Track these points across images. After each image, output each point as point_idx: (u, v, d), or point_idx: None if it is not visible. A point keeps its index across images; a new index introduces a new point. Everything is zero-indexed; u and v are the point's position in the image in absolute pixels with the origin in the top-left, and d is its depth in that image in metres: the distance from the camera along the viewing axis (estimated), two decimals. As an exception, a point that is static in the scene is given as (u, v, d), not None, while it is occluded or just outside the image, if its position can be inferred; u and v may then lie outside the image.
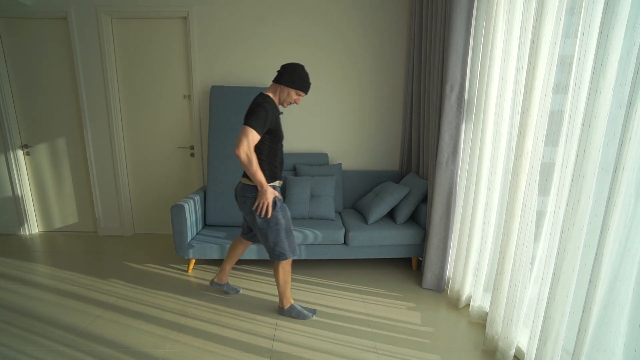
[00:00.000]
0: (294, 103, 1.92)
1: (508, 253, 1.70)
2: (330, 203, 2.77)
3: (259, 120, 1.74)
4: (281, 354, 1.77)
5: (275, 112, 1.84)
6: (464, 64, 2.13)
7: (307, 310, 2.10)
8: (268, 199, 1.82)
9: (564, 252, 1.31)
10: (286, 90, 1.87)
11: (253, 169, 1.75)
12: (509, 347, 1.68)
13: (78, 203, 3.44)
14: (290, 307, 2.09)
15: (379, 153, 3.30)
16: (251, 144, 1.73)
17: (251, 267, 2.76)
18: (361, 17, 3.02)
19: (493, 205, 1.91)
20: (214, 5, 2.99)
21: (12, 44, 3.10)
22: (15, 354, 1.73)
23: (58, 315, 2.07)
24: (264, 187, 1.80)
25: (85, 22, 3.01)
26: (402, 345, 1.85)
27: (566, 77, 1.44)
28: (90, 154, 3.24)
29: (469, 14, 2.07)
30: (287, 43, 3.05)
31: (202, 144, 3.23)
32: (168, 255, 2.97)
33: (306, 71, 1.89)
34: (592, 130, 1.20)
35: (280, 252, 1.93)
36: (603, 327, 1.20)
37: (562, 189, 1.39)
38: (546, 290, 1.44)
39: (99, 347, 1.80)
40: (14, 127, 3.23)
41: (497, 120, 1.85)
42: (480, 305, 2.04)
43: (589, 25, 1.25)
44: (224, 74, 3.11)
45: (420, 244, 2.63)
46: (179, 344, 1.83)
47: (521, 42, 1.63)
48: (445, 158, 2.24)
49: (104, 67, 3.07)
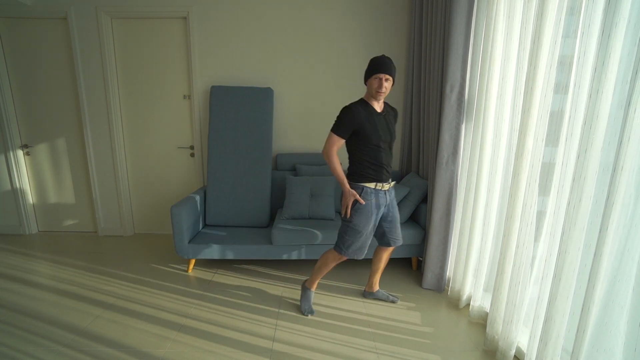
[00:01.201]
0: (382, 91, 1.82)
1: (508, 253, 1.70)
2: (330, 203, 2.77)
3: (338, 124, 1.86)
4: (281, 354, 1.77)
5: (359, 114, 1.84)
6: (464, 64, 2.13)
7: (309, 306, 2.15)
8: (347, 198, 1.90)
9: (564, 253, 1.31)
10: (367, 85, 1.89)
11: (332, 169, 1.90)
12: (509, 347, 1.68)
13: (78, 203, 3.44)
14: (308, 290, 2.19)
15: (379, 153, 3.29)
16: (331, 146, 1.87)
17: (251, 267, 2.76)
18: (361, 17, 3.02)
19: (493, 205, 1.91)
20: (214, 5, 2.98)
21: (12, 44, 3.10)
22: (15, 354, 1.73)
23: (58, 315, 2.07)
24: (343, 186, 1.91)
25: (85, 22, 3.01)
26: (402, 345, 1.85)
27: (566, 77, 1.44)
28: (90, 154, 3.24)
29: (469, 14, 2.07)
30: (287, 42, 3.05)
31: (202, 144, 3.22)
32: (168, 255, 2.97)
33: (377, 57, 1.84)
34: (592, 130, 1.20)
35: (339, 244, 2.01)
36: (603, 327, 1.20)
37: (562, 189, 1.39)
38: (546, 291, 1.44)
39: (99, 347, 1.80)
40: (14, 127, 3.23)
41: (497, 120, 1.85)
42: (480, 305, 2.04)
43: (589, 25, 1.25)
44: (224, 74, 3.11)
45: (420, 244, 2.62)
46: (179, 344, 1.83)
47: (521, 42, 1.63)
48: (445, 158, 2.24)
49: (104, 67, 3.07)
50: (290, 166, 3.12)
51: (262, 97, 2.94)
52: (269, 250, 2.54)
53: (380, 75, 1.81)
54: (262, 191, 2.89)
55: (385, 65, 1.80)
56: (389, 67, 1.80)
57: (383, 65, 1.80)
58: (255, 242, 2.56)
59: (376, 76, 1.82)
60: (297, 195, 2.78)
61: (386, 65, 1.80)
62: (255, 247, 2.54)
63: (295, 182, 2.84)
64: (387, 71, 1.80)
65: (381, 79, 1.81)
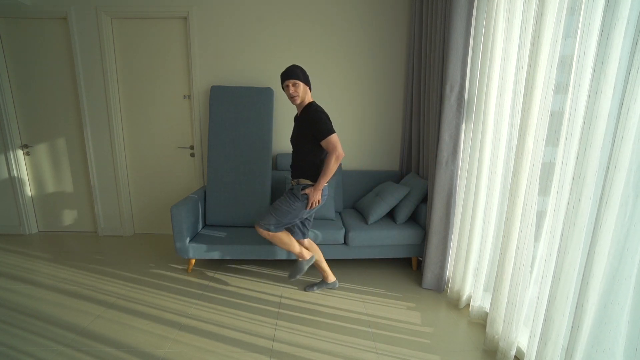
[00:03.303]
0: (292, 96, 2.03)
1: (508, 253, 1.70)
2: (330, 203, 2.77)
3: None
4: (281, 354, 1.77)
5: None
6: (464, 64, 2.13)
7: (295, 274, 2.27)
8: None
9: (564, 252, 1.31)
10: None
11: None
12: (510, 347, 1.68)
13: (78, 203, 3.44)
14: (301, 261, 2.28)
15: (379, 153, 3.30)
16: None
17: (251, 267, 2.76)
18: (361, 17, 3.02)
19: (493, 205, 1.91)
20: (214, 5, 2.99)
21: (12, 44, 3.10)
22: (16, 354, 1.73)
23: (58, 314, 2.07)
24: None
25: (85, 22, 3.01)
26: (402, 346, 1.85)
27: (566, 77, 1.44)
28: (90, 154, 3.24)
29: (469, 14, 2.07)
30: (287, 43, 3.05)
31: (202, 144, 3.22)
32: (168, 255, 2.97)
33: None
34: (592, 130, 1.20)
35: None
36: (602, 327, 1.20)
37: (562, 189, 1.39)
38: (546, 291, 1.44)
39: (99, 346, 1.80)
40: (14, 127, 3.23)
41: (497, 120, 1.85)
42: (480, 305, 2.04)
43: (589, 25, 1.25)
44: (224, 74, 3.11)
45: (420, 244, 2.63)
46: (179, 344, 1.83)
47: (521, 42, 1.63)
48: (445, 158, 2.24)
49: (104, 67, 3.07)
50: (290, 166, 3.12)
51: (262, 97, 2.94)
52: (269, 250, 2.54)
53: (285, 83, 2.02)
54: (262, 191, 2.89)
55: (285, 73, 2.02)
56: (290, 73, 2.00)
57: (284, 73, 2.02)
58: (255, 242, 2.56)
59: (284, 85, 2.03)
60: (297, 195, 2.78)
61: (286, 72, 2.01)
62: (255, 247, 2.54)
63: (295, 182, 2.84)
64: (288, 77, 2.00)
65: (288, 85, 2.01)
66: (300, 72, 2.01)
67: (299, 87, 2.01)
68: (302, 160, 2.10)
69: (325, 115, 2.01)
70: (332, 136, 1.95)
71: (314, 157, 2.07)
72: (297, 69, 2.01)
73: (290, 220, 2.13)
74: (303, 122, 2.05)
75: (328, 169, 1.97)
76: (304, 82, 2.03)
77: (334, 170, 1.99)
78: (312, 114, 2.00)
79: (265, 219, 2.12)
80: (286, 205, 2.09)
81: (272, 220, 2.11)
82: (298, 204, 2.08)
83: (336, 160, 1.96)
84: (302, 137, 2.07)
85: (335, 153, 1.95)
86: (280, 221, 2.12)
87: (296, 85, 2.00)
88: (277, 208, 2.10)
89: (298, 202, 2.07)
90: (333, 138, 1.95)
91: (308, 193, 2.05)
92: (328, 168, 1.97)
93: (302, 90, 2.03)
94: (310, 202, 2.05)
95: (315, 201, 2.06)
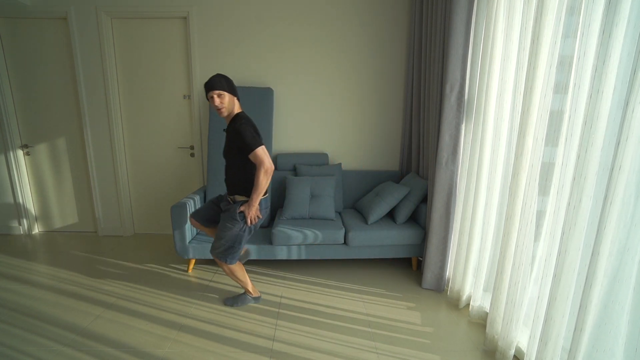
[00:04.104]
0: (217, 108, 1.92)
1: (508, 253, 1.70)
2: (330, 203, 2.77)
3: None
4: (281, 354, 1.77)
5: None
6: (464, 64, 2.13)
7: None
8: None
9: (564, 252, 1.32)
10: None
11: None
12: (509, 347, 1.68)
13: (78, 203, 3.44)
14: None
15: (379, 153, 3.30)
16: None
17: (251, 267, 2.76)
18: (361, 17, 3.02)
19: (493, 205, 1.91)
20: (214, 5, 2.99)
21: (12, 44, 3.10)
22: (15, 354, 1.73)
23: (58, 314, 2.07)
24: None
25: (85, 22, 3.01)
26: (402, 345, 1.85)
27: (566, 77, 1.44)
28: (90, 154, 3.24)
29: (469, 14, 2.07)
30: (287, 43, 3.05)
31: (202, 144, 3.23)
32: (168, 255, 2.97)
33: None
34: (592, 130, 1.20)
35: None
36: (603, 327, 1.20)
37: (562, 189, 1.39)
38: (546, 290, 1.44)
39: (99, 346, 1.80)
40: (14, 127, 3.23)
41: (497, 120, 1.85)
42: (480, 305, 2.04)
43: (589, 25, 1.25)
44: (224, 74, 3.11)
45: (420, 244, 2.63)
46: (179, 344, 1.83)
47: (521, 42, 1.63)
48: (445, 158, 2.24)
49: (104, 67, 3.07)
50: (290, 166, 3.12)
51: (262, 97, 2.94)
52: (269, 250, 2.55)
53: (210, 94, 1.90)
54: (262, 191, 2.89)
55: (208, 83, 1.89)
56: (213, 83, 1.88)
57: (207, 84, 1.89)
58: (256, 242, 2.56)
59: (208, 96, 1.91)
60: (297, 196, 2.78)
61: (209, 82, 1.89)
62: (256, 247, 2.54)
63: (295, 182, 2.84)
64: (212, 88, 1.88)
65: (212, 96, 1.89)
66: (225, 82, 1.91)
67: (225, 98, 1.90)
68: (234, 175, 2.00)
69: (252, 127, 1.90)
70: (259, 149, 1.85)
71: (246, 172, 1.96)
72: (222, 79, 1.90)
73: (243, 241, 2.04)
74: (230, 134, 1.94)
75: (258, 185, 1.88)
76: (230, 92, 1.92)
77: (264, 185, 1.90)
78: (238, 126, 1.89)
79: (219, 247, 2.02)
80: (228, 229, 1.99)
81: (225, 246, 2.01)
82: (240, 224, 1.98)
83: (265, 174, 1.87)
84: (231, 151, 1.97)
85: (263, 167, 1.85)
86: (233, 244, 2.01)
87: (221, 97, 1.90)
88: (225, 234, 2.00)
89: (239, 223, 1.98)
90: (259, 151, 1.85)
91: (243, 210, 1.95)
92: (258, 183, 1.87)
93: (228, 101, 1.92)
94: (248, 219, 1.96)
95: (253, 218, 1.97)
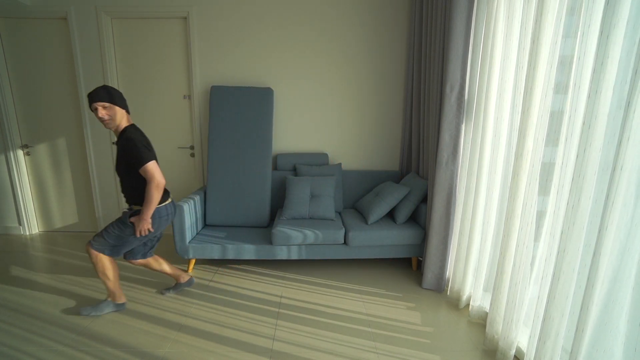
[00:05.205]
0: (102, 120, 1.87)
1: (508, 253, 1.70)
2: (330, 203, 2.77)
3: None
4: (281, 354, 1.77)
5: None
6: (464, 64, 2.13)
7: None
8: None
9: (564, 252, 1.32)
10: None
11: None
12: (509, 347, 1.68)
13: (78, 203, 3.44)
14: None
15: (379, 153, 3.30)
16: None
17: (251, 267, 2.76)
18: (361, 17, 3.02)
19: (493, 205, 1.91)
20: (214, 5, 2.99)
21: (12, 44, 3.10)
22: (15, 354, 1.73)
23: (58, 314, 2.07)
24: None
25: (85, 22, 3.01)
26: (402, 345, 1.85)
27: (566, 77, 1.44)
28: (90, 154, 3.24)
29: (469, 14, 2.07)
30: (287, 43, 3.05)
31: (202, 144, 3.23)
32: (168, 255, 2.97)
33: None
34: (592, 130, 1.21)
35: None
36: (602, 326, 1.20)
37: (562, 189, 1.39)
38: (546, 290, 1.44)
39: (99, 346, 1.80)
40: (14, 127, 3.23)
41: (497, 120, 1.85)
42: (480, 305, 2.04)
43: (589, 25, 1.25)
44: (224, 74, 3.11)
45: (420, 244, 2.63)
46: (179, 344, 1.83)
47: (521, 42, 1.64)
48: (445, 158, 2.24)
49: (104, 67, 3.07)
50: (290, 166, 3.12)
51: (262, 97, 2.94)
52: (269, 250, 2.55)
53: (93, 106, 1.83)
54: (262, 191, 2.90)
55: (90, 94, 1.82)
56: (94, 95, 1.82)
57: (89, 95, 1.82)
58: (256, 242, 2.56)
59: (92, 108, 1.84)
60: (297, 196, 2.78)
61: (91, 94, 1.82)
62: (256, 247, 2.54)
63: (295, 182, 2.84)
64: (93, 99, 1.82)
65: (96, 108, 1.83)
66: (105, 94, 1.83)
67: (109, 109, 1.84)
68: (129, 187, 1.96)
69: (140, 142, 1.85)
70: (148, 164, 1.82)
71: (140, 184, 1.92)
72: (104, 90, 1.83)
73: (128, 246, 2.03)
74: (119, 149, 1.90)
75: (150, 199, 1.85)
76: (114, 103, 1.85)
77: (156, 200, 1.87)
78: (125, 140, 1.85)
79: (99, 241, 1.97)
80: (117, 230, 1.96)
81: (105, 244, 1.96)
82: (129, 230, 1.96)
83: (157, 188, 1.85)
84: (120, 166, 1.92)
85: (154, 182, 1.83)
86: (115, 246, 1.98)
87: (107, 108, 1.84)
88: (110, 232, 1.97)
89: (128, 229, 1.95)
90: (149, 166, 1.82)
91: (134, 222, 1.93)
92: (149, 198, 1.85)
93: (114, 113, 1.86)
94: (137, 232, 1.93)
95: (144, 231, 1.94)
